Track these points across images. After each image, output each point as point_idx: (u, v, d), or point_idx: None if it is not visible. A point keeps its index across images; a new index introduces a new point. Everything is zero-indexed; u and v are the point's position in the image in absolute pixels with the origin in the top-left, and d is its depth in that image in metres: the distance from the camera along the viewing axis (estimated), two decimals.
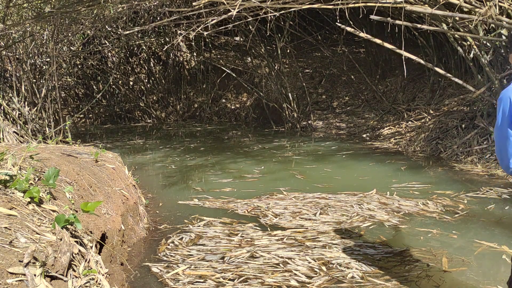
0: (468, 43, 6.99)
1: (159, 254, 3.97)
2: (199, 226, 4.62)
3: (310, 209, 4.99)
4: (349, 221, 4.67)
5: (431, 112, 9.15)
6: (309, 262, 3.71)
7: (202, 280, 3.43)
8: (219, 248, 4.04)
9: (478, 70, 7.60)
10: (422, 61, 7.51)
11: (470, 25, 6.31)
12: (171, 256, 3.91)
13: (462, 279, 3.37)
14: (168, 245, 4.18)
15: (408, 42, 8.78)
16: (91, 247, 2.83)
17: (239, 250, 3.96)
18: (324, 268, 3.62)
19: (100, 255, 3.00)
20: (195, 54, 13.87)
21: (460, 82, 7.38)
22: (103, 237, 3.40)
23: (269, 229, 4.46)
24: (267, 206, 5.13)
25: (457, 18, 6.31)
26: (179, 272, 3.56)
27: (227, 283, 3.38)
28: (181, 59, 14.01)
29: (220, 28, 7.60)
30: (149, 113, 13.58)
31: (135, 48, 13.74)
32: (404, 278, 3.43)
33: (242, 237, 4.27)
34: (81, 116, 13.22)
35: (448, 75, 7.59)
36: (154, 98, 13.83)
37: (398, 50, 6.77)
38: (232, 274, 3.51)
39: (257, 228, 4.52)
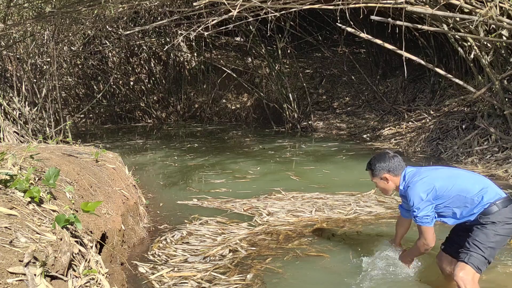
0: (469, 43, 6.99)
1: (148, 253, 4.01)
2: (195, 225, 4.64)
3: (307, 208, 5.03)
4: (344, 216, 4.71)
5: (432, 112, 9.15)
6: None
7: (183, 279, 3.44)
8: (199, 247, 4.08)
9: (479, 71, 7.60)
10: (422, 62, 7.51)
11: (470, 26, 6.31)
12: (158, 255, 3.95)
13: None
14: (161, 242, 4.23)
15: (409, 43, 8.78)
16: (91, 247, 2.83)
17: (215, 247, 4.01)
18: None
19: (100, 255, 3.00)
20: (195, 54, 13.85)
21: (460, 82, 7.37)
22: (103, 237, 3.40)
23: (255, 226, 4.52)
24: (265, 206, 5.15)
25: (457, 19, 6.31)
26: (164, 274, 3.60)
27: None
28: (181, 59, 14.00)
29: (221, 28, 7.59)
30: (149, 113, 13.57)
31: (136, 48, 13.73)
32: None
33: (228, 234, 4.33)
34: (82, 116, 13.20)
35: (449, 75, 7.59)
36: (155, 98, 13.82)
37: (398, 51, 6.77)
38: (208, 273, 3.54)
39: (251, 226, 4.56)
